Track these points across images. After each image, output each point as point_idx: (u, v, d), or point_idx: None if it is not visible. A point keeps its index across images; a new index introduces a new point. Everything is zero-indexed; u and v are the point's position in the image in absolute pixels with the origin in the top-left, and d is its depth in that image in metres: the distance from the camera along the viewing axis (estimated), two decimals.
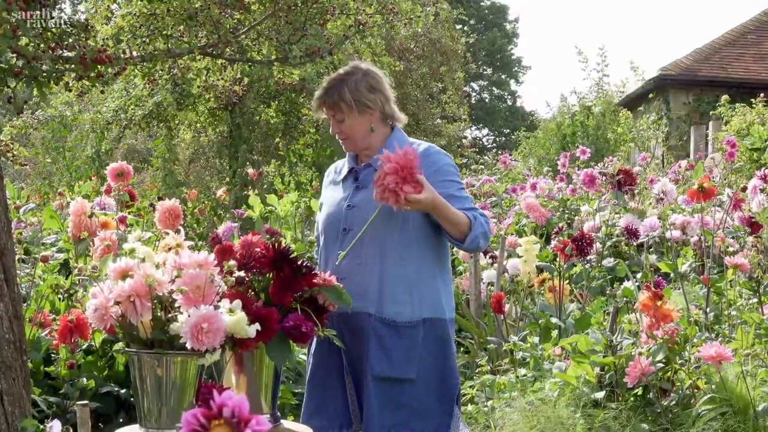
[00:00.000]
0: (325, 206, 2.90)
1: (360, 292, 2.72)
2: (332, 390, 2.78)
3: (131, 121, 10.98)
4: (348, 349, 2.75)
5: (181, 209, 3.45)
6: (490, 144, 33.59)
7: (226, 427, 1.01)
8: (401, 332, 2.77)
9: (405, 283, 2.79)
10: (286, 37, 7.93)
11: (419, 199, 2.55)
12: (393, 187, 2.49)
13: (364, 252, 2.74)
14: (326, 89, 2.84)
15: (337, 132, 2.83)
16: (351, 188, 2.84)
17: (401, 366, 2.76)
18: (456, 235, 2.76)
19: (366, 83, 2.83)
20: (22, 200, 7.25)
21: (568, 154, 8.43)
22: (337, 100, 2.80)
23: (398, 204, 2.52)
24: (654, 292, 2.87)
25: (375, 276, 2.74)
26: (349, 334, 2.75)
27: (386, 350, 2.74)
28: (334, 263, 2.74)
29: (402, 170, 2.49)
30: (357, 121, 2.82)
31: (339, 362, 2.78)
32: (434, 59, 18.21)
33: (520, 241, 4.78)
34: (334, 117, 2.81)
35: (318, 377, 2.80)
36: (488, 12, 35.25)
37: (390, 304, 2.75)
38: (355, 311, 2.72)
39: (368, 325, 2.74)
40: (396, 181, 2.49)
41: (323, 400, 2.78)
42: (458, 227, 2.73)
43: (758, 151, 8.70)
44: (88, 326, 2.84)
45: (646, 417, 2.83)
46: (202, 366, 2.15)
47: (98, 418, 3.41)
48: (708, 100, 15.14)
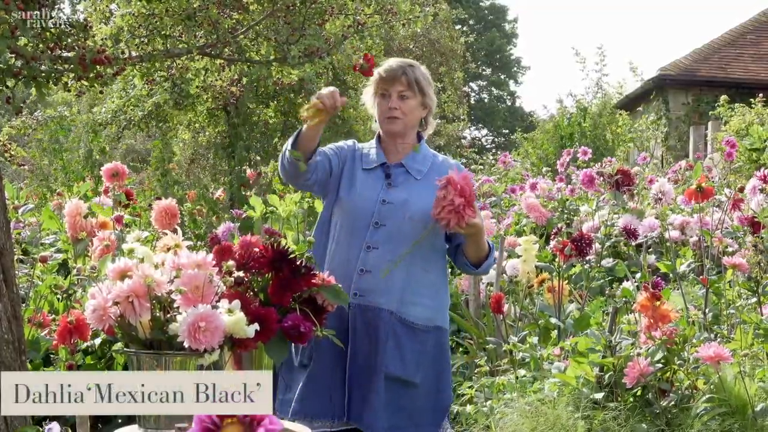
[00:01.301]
0: (357, 193, 2.84)
1: (384, 289, 2.74)
2: (332, 381, 2.76)
3: (130, 122, 10.97)
4: (358, 341, 2.74)
5: (177, 209, 3.46)
6: (489, 144, 33.59)
7: (239, 426, 1.01)
8: (416, 335, 2.79)
9: (428, 288, 2.83)
10: (284, 37, 7.92)
11: (476, 223, 2.61)
12: (460, 210, 2.55)
13: (395, 249, 2.75)
14: (406, 65, 2.85)
15: (395, 107, 2.82)
16: (382, 183, 2.84)
17: (412, 369, 2.78)
18: (473, 259, 2.82)
19: (431, 82, 2.91)
20: (20, 200, 7.24)
21: (570, 151, 8.43)
22: (415, 79, 2.83)
23: (458, 225, 2.58)
24: (652, 293, 2.87)
25: (402, 275, 2.76)
26: (363, 328, 2.74)
27: (401, 350, 2.76)
28: (357, 252, 2.75)
29: (467, 194, 2.56)
30: (416, 108, 2.86)
31: (344, 354, 2.76)
32: (433, 59, 18.22)
33: (520, 241, 4.78)
34: (402, 93, 2.82)
35: (323, 366, 2.77)
36: (487, 12, 35.25)
37: (410, 305, 2.78)
38: (376, 306, 2.73)
39: (388, 323, 2.74)
40: (462, 205, 2.55)
41: (323, 391, 2.76)
42: (480, 252, 2.81)
43: (757, 151, 8.70)
44: (87, 327, 2.83)
45: (645, 417, 2.83)
46: (201, 366, 2.15)
47: (97, 419, 3.41)
48: (707, 101, 15.15)
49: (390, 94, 2.83)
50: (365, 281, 2.75)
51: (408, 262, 2.76)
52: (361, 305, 2.74)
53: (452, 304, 5.47)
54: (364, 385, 2.74)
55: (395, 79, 2.82)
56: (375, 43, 9.78)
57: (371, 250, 2.75)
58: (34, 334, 3.47)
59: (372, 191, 2.80)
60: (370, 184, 2.83)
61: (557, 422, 2.80)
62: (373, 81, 2.89)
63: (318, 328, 2.30)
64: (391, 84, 2.83)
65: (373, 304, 2.74)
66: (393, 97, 2.83)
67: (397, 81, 2.82)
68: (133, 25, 7.80)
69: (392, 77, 2.82)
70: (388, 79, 2.83)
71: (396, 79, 2.82)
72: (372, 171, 2.87)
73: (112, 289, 2.14)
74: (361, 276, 2.75)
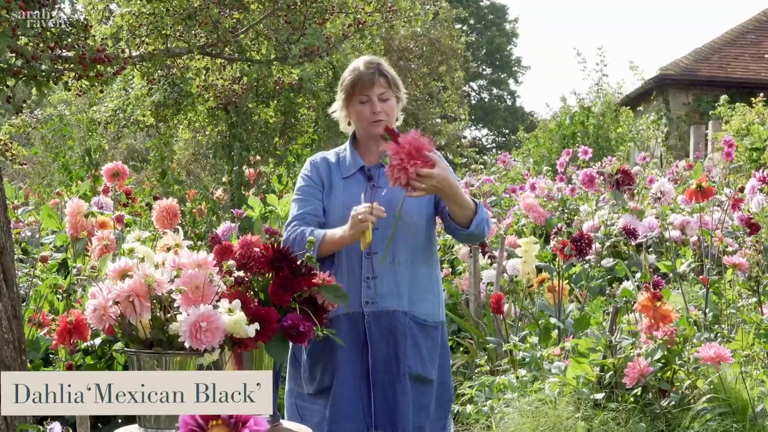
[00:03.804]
0: (341, 203, 2.80)
1: (395, 292, 2.74)
2: (358, 393, 2.74)
3: (129, 121, 10.97)
4: (376, 348, 2.73)
5: (178, 209, 3.46)
6: (489, 144, 33.58)
7: (224, 428, 1.01)
8: (428, 332, 2.82)
9: (431, 284, 2.84)
10: (285, 36, 7.92)
11: (431, 173, 2.50)
12: (405, 165, 2.45)
13: (396, 251, 2.74)
14: (377, 64, 2.83)
15: (379, 111, 2.79)
16: (365, 186, 2.80)
17: (429, 366, 2.80)
18: (462, 220, 2.72)
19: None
20: (19, 200, 7.24)
21: (570, 151, 8.42)
22: (391, 78, 2.82)
23: (409, 179, 2.47)
24: (653, 293, 2.87)
25: (406, 275, 2.76)
26: (378, 333, 2.74)
27: (419, 349, 2.77)
28: (359, 261, 2.74)
29: (406, 150, 2.46)
30: (394, 105, 2.85)
31: (366, 364, 2.75)
32: (433, 59, 18.20)
33: (520, 242, 4.78)
34: (382, 95, 2.80)
35: (346, 382, 2.73)
36: (488, 11, 35.23)
37: (420, 303, 2.79)
38: (390, 309, 2.74)
39: (404, 323, 2.75)
40: (401, 158, 2.45)
41: (354, 405, 2.73)
42: (465, 210, 2.70)
43: (758, 150, 8.70)
44: (87, 327, 2.83)
45: (645, 417, 2.83)
46: (201, 366, 2.15)
47: (97, 418, 3.41)
48: (707, 100, 15.15)
49: (370, 98, 2.79)
50: (373, 287, 2.74)
51: (410, 262, 2.77)
52: (374, 312, 2.74)
53: (452, 304, 5.48)
54: (389, 390, 2.73)
55: (373, 82, 2.79)
56: (375, 43, 9.77)
57: (371, 255, 2.74)
58: (34, 334, 3.47)
59: (356, 198, 2.74)
60: (353, 190, 2.79)
61: (557, 422, 2.80)
62: (345, 87, 2.83)
63: (318, 328, 2.29)
64: (369, 88, 2.79)
65: (386, 308, 2.74)
66: (375, 101, 2.79)
67: (375, 84, 2.79)
68: (133, 24, 7.81)
69: (370, 81, 2.79)
70: (367, 84, 2.79)
71: (374, 82, 2.79)
72: (352, 177, 2.83)
73: (112, 288, 2.14)
74: (368, 283, 2.75)
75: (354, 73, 2.81)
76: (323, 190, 2.85)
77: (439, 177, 2.53)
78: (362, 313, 2.73)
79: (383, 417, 2.72)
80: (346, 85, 2.83)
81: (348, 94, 2.83)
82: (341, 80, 2.88)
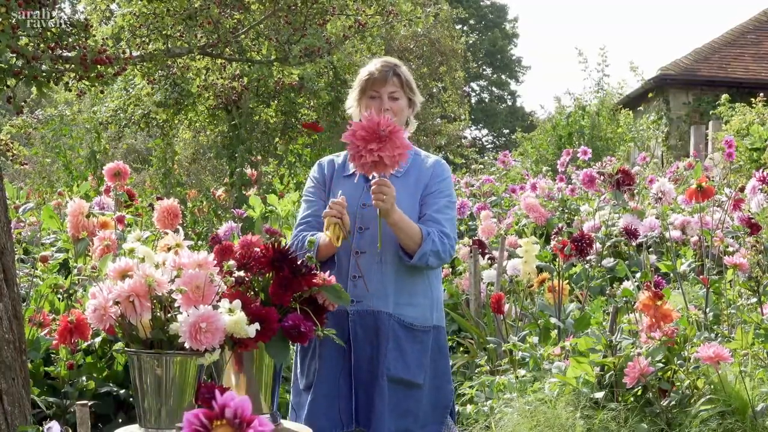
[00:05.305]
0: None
1: (381, 292, 2.74)
2: (339, 390, 2.76)
3: (130, 120, 10.96)
4: (359, 347, 2.74)
5: (179, 209, 3.46)
6: (489, 144, 33.57)
7: (229, 428, 1.01)
8: (416, 336, 2.79)
9: (422, 287, 2.81)
10: (285, 37, 7.93)
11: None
12: (361, 151, 2.44)
13: (384, 251, 2.73)
14: (393, 65, 2.84)
15: (387, 108, 2.79)
16: (362, 187, 2.81)
17: (415, 370, 2.77)
18: (411, 247, 2.71)
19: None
20: (20, 200, 7.25)
21: (570, 151, 8.42)
22: (405, 79, 2.83)
23: (362, 164, 2.45)
24: (654, 292, 2.87)
25: (392, 276, 2.75)
26: (362, 332, 2.74)
27: (403, 353, 2.75)
28: (347, 259, 2.74)
29: (362, 132, 2.44)
30: (405, 107, 2.86)
31: (348, 362, 2.76)
32: (434, 59, 18.21)
33: (520, 242, 4.78)
34: (392, 93, 2.81)
35: (327, 379, 2.76)
36: (488, 12, 35.23)
37: (405, 307, 2.77)
38: (375, 309, 2.73)
39: (387, 325, 2.74)
40: (357, 145, 2.45)
41: (331, 402, 2.75)
42: (408, 241, 2.70)
43: (758, 150, 8.70)
44: (87, 327, 2.84)
45: (645, 417, 2.83)
46: (202, 366, 2.15)
47: (97, 419, 3.41)
48: (708, 100, 15.15)
49: (381, 95, 2.81)
50: (359, 287, 2.74)
51: (395, 265, 2.75)
52: (359, 311, 2.73)
53: (452, 304, 5.48)
54: (369, 389, 2.73)
55: (386, 80, 2.80)
56: (375, 43, 9.78)
57: (360, 255, 2.74)
58: (34, 334, 3.47)
59: (352, 197, 2.76)
60: (350, 189, 2.80)
61: (557, 422, 2.80)
62: (360, 83, 2.86)
63: (318, 328, 2.30)
64: (381, 85, 2.81)
65: (371, 308, 2.73)
66: (384, 98, 2.81)
67: (388, 82, 2.81)
68: (134, 24, 7.81)
69: (383, 78, 2.80)
70: (379, 81, 2.81)
71: (387, 80, 2.80)
72: (351, 176, 2.85)
73: (112, 288, 2.14)
74: (354, 282, 2.74)
75: (369, 70, 2.85)
76: (327, 190, 2.87)
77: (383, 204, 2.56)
78: (347, 311, 2.72)
79: (364, 416, 2.73)
80: (361, 80, 2.86)
81: (361, 89, 2.86)
82: (357, 77, 2.92)
